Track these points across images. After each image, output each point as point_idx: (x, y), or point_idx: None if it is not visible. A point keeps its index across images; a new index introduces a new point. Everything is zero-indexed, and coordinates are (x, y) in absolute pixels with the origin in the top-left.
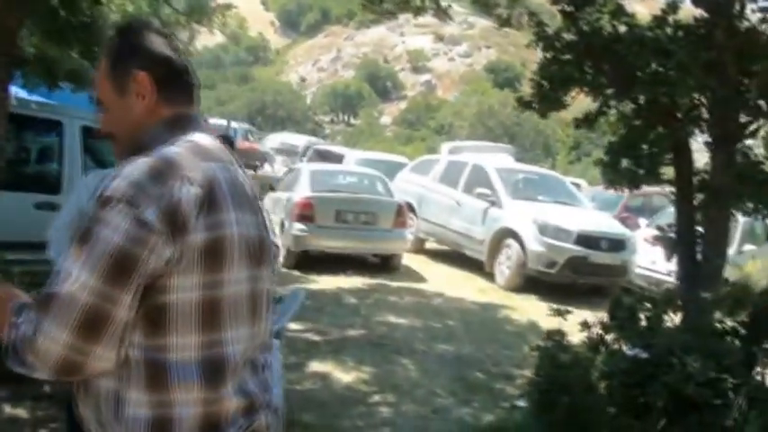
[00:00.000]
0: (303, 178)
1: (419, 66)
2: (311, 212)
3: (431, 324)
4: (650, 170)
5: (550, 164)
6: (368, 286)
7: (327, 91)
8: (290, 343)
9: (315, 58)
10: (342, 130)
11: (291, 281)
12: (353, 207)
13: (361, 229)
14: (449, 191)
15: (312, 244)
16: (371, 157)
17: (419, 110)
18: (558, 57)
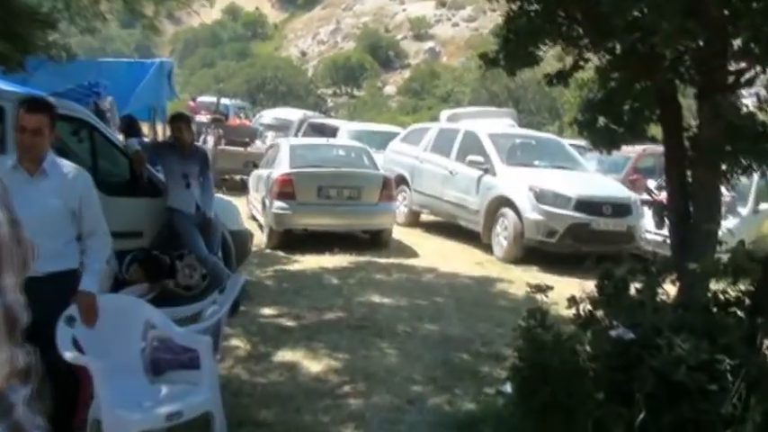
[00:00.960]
0: (283, 154)
1: (422, 33)
2: (291, 189)
3: (418, 303)
4: (631, 128)
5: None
6: (354, 264)
7: (328, 64)
8: (260, 330)
9: (314, 30)
10: (345, 103)
11: (273, 262)
12: (336, 182)
13: (346, 205)
14: (441, 160)
15: (294, 222)
16: (365, 128)
17: (424, 78)
18: (526, 7)
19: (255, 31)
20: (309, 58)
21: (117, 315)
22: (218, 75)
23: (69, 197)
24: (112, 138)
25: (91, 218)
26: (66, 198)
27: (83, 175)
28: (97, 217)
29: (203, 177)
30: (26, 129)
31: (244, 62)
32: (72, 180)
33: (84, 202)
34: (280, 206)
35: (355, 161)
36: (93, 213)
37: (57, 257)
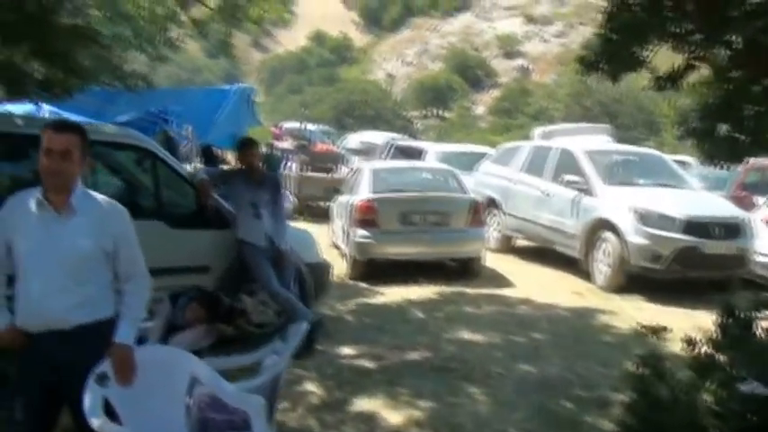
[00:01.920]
0: (364, 179)
1: (511, 51)
2: (373, 216)
3: (512, 339)
4: (755, 135)
5: (656, 142)
6: (441, 296)
7: (416, 86)
8: (336, 373)
9: (401, 53)
10: (434, 125)
11: (355, 294)
12: (421, 207)
13: (432, 232)
14: (535, 181)
15: (377, 251)
16: (453, 149)
17: (514, 97)
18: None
19: (342, 56)
20: (397, 80)
21: (157, 370)
22: (306, 101)
23: (102, 236)
24: (177, 167)
25: (128, 259)
26: (99, 237)
27: (118, 211)
28: (135, 258)
29: (275, 206)
30: (53, 151)
31: (331, 87)
32: (105, 216)
33: (120, 242)
34: (361, 234)
35: (442, 184)
36: (131, 254)
37: (88, 306)
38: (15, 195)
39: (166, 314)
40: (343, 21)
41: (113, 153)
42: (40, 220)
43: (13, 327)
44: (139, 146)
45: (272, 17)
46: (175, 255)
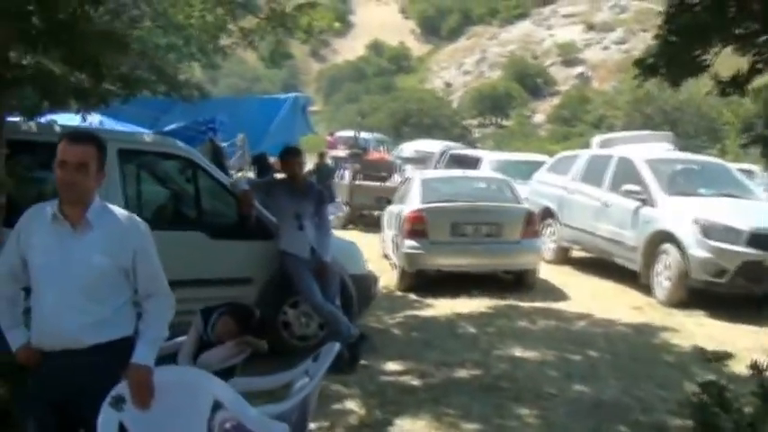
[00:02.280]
0: (414, 188)
1: (571, 58)
2: (423, 226)
3: (567, 357)
4: None
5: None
6: (493, 310)
7: (474, 94)
8: (379, 391)
9: (459, 61)
10: (492, 134)
11: (404, 306)
12: (472, 218)
13: (484, 243)
14: (593, 190)
15: (426, 263)
16: (509, 158)
17: (574, 105)
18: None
19: (400, 65)
20: (454, 89)
21: (177, 393)
22: (363, 110)
23: (120, 253)
24: (219, 176)
25: (148, 276)
26: (117, 254)
27: (137, 226)
28: (155, 276)
29: (319, 217)
30: (68, 163)
31: (388, 96)
32: (124, 232)
33: (140, 259)
34: (411, 245)
35: (495, 194)
36: (151, 272)
37: (105, 325)
38: (33, 207)
39: (198, 330)
40: (402, 30)
41: (153, 162)
42: (54, 234)
43: (29, 345)
44: (180, 155)
45: (322, 25)
46: (216, 266)
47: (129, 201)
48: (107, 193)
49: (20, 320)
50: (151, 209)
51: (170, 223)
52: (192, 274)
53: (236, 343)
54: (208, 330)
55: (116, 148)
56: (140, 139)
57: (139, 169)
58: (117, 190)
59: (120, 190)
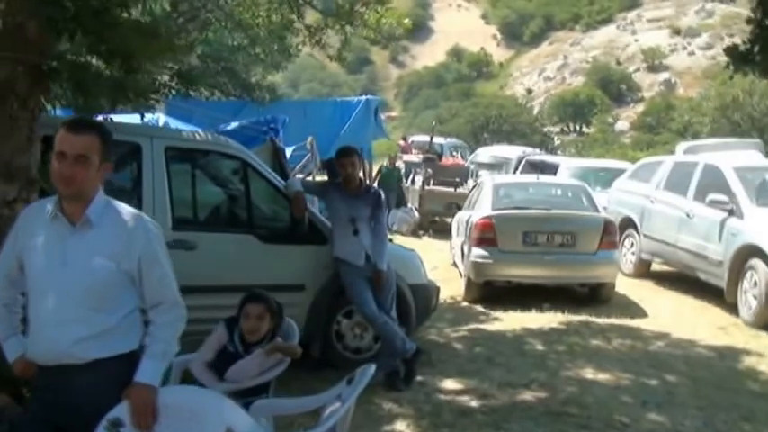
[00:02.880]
0: (485, 194)
1: (656, 64)
2: (493, 234)
3: (643, 381)
4: None
5: None
6: (565, 326)
7: (556, 100)
8: (434, 411)
9: (540, 67)
10: (573, 141)
11: (469, 319)
12: (545, 226)
13: (557, 254)
14: (676, 199)
15: (495, 273)
16: (589, 164)
17: (658, 112)
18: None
19: (480, 71)
20: (535, 95)
21: (185, 418)
22: (441, 115)
23: (124, 256)
24: (271, 178)
25: (156, 283)
26: (120, 257)
27: (144, 225)
28: (163, 282)
29: (375, 222)
30: (66, 154)
31: (467, 102)
32: (129, 232)
33: (146, 263)
34: (479, 254)
35: (570, 202)
36: (159, 277)
37: (106, 338)
38: (33, 204)
39: (220, 340)
40: (483, 36)
41: (203, 161)
42: (54, 234)
43: (24, 356)
44: (231, 154)
45: (392, 23)
46: (267, 271)
47: (175, 201)
48: (153, 192)
49: (17, 329)
50: (199, 210)
51: (219, 225)
52: (240, 279)
53: (267, 352)
54: (235, 341)
55: (164, 145)
56: (190, 137)
57: (188, 168)
58: (164, 189)
59: (166, 189)
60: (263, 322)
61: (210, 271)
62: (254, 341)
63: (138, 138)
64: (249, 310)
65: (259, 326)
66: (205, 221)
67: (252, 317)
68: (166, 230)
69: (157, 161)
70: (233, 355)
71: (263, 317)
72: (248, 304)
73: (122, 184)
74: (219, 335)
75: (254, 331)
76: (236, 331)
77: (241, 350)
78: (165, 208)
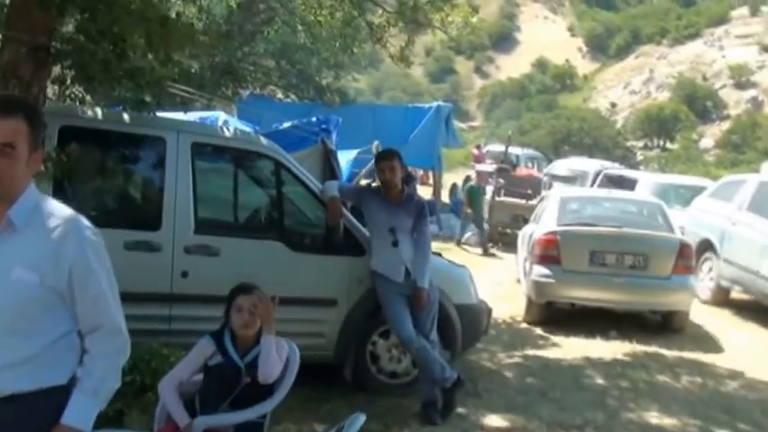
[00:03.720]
0: (551, 207)
1: (743, 81)
2: (556, 252)
3: (711, 429)
4: None
5: None
6: (630, 357)
7: (640, 115)
8: None
9: (625, 81)
10: (656, 156)
11: (525, 343)
12: (616, 246)
13: (627, 276)
14: (760, 222)
15: (557, 294)
16: (670, 181)
17: (744, 130)
18: None
19: (564, 83)
20: (619, 109)
21: None
22: (523, 126)
23: (50, 267)
24: (307, 180)
25: (89, 303)
26: (46, 269)
27: (77, 230)
28: (100, 302)
29: (417, 233)
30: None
31: (550, 114)
32: (59, 238)
33: (78, 276)
34: (541, 272)
35: (645, 220)
36: (95, 296)
37: (28, 367)
38: None
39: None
40: (568, 48)
41: (232, 159)
42: None
43: None
44: (264, 153)
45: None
46: (296, 282)
47: (199, 201)
48: (176, 191)
49: None
50: (225, 212)
51: (246, 230)
52: (266, 289)
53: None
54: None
55: (191, 141)
56: (219, 132)
57: (216, 167)
58: (188, 188)
59: (190, 188)
60: (256, 315)
61: (234, 279)
62: (249, 346)
63: (163, 131)
64: (241, 302)
65: (253, 320)
66: (231, 225)
67: (245, 310)
68: (188, 233)
69: (182, 157)
70: (229, 367)
71: (255, 309)
72: (239, 296)
73: (142, 182)
74: (203, 348)
75: (249, 325)
76: (227, 337)
77: (237, 357)
78: (188, 209)
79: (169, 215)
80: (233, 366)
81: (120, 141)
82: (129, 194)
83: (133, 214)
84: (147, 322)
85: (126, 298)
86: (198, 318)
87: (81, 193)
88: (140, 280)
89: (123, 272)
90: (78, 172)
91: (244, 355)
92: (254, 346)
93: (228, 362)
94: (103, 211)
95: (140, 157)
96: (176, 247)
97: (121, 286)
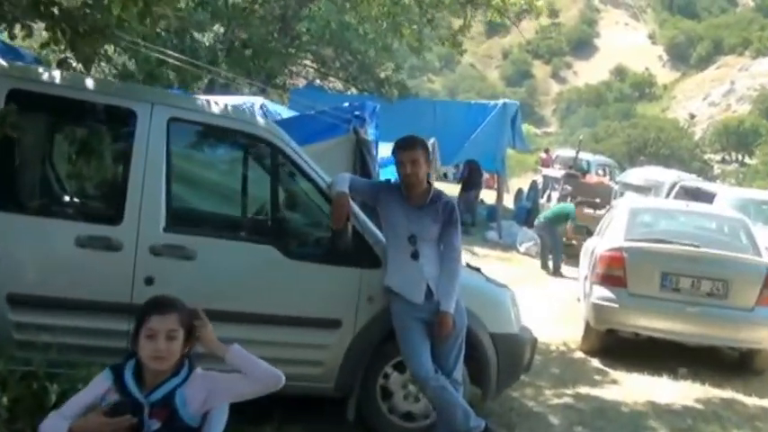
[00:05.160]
0: (618, 219)
1: None
2: (622, 272)
3: None
4: None
5: None
6: (702, 404)
7: (719, 127)
8: None
9: (705, 92)
10: (734, 171)
11: (579, 378)
12: (692, 268)
13: (703, 305)
14: None
15: (620, 321)
16: (755, 196)
17: None
18: None
19: (643, 92)
20: (698, 120)
21: None
22: (598, 134)
23: None
24: (312, 172)
25: None
26: None
27: None
28: None
29: (445, 245)
30: None
31: (626, 123)
32: None
33: None
34: (602, 295)
35: (726, 239)
36: None
37: None
38: None
39: (94, 393)
40: (648, 56)
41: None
42: None
43: None
44: (259, 136)
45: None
46: (289, 297)
47: (174, 191)
48: (144, 176)
49: None
50: (206, 205)
51: (231, 228)
52: (252, 305)
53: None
54: (128, 384)
55: (167, 116)
56: (205, 107)
57: (198, 149)
58: (159, 174)
59: (163, 174)
60: (174, 343)
61: (212, 289)
62: (158, 382)
63: (133, 102)
64: (155, 325)
65: (170, 350)
66: (212, 223)
67: (160, 336)
68: (157, 230)
69: (156, 135)
70: (126, 407)
71: (176, 334)
72: (152, 316)
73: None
74: (97, 384)
75: (163, 358)
76: (129, 371)
77: (137, 393)
78: (159, 200)
79: (134, 206)
80: (133, 404)
81: (79, 112)
82: (86, 178)
83: (89, 203)
84: (101, 338)
85: (74, 306)
86: None
87: (26, 174)
88: (94, 286)
89: (73, 274)
90: (25, 146)
91: (150, 392)
92: (165, 380)
93: (127, 399)
94: (52, 197)
95: (103, 133)
96: (141, 246)
97: (69, 292)
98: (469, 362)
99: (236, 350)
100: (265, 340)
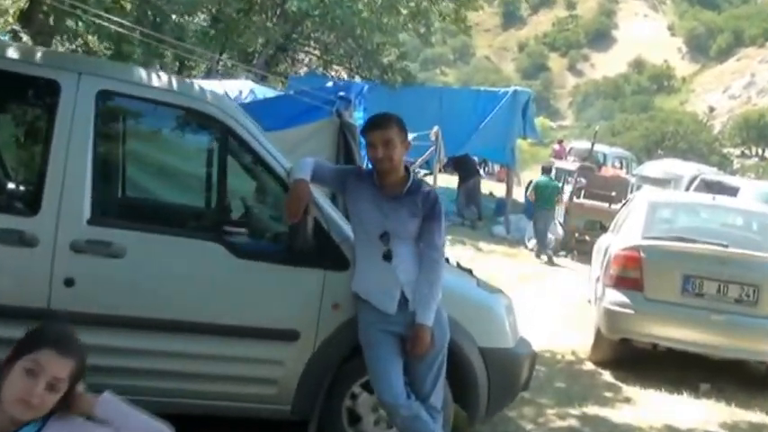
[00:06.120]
0: (636, 214)
1: None
2: (638, 273)
3: None
4: None
5: None
6: (726, 428)
7: (739, 121)
8: None
9: (725, 84)
10: (754, 165)
11: (586, 395)
12: (718, 271)
13: (729, 312)
14: None
15: (636, 330)
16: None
17: None
18: None
19: (661, 85)
20: (718, 113)
21: None
22: (615, 127)
23: None
24: (268, 157)
25: None
26: None
27: None
28: None
29: (425, 244)
30: None
31: (644, 116)
32: None
33: None
34: (615, 299)
35: (758, 239)
36: None
37: None
38: None
39: None
40: (667, 48)
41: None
42: None
43: None
44: (206, 113)
45: None
46: (237, 304)
47: (101, 175)
48: (66, 158)
49: None
50: (140, 194)
51: (169, 222)
52: (192, 313)
53: None
54: None
55: (97, 88)
56: (143, 79)
57: (133, 128)
58: (84, 156)
59: (88, 157)
60: (53, 396)
61: (144, 293)
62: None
63: (57, 72)
64: (44, 361)
65: (44, 400)
66: (146, 215)
67: (42, 378)
68: (79, 223)
69: (81, 111)
70: None
71: (60, 386)
72: (46, 350)
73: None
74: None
75: (32, 407)
76: None
77: None
78: (82, 187)
79: (53, 195)
80: None
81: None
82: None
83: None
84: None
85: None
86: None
87: None
88: (4, 287)
89: None
90: None
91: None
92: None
93: None
94: None
95: (19, 108)
96: (60, 241)
97: None
98: (453, 381)
99: (107, 400)
100: (208, 354)
